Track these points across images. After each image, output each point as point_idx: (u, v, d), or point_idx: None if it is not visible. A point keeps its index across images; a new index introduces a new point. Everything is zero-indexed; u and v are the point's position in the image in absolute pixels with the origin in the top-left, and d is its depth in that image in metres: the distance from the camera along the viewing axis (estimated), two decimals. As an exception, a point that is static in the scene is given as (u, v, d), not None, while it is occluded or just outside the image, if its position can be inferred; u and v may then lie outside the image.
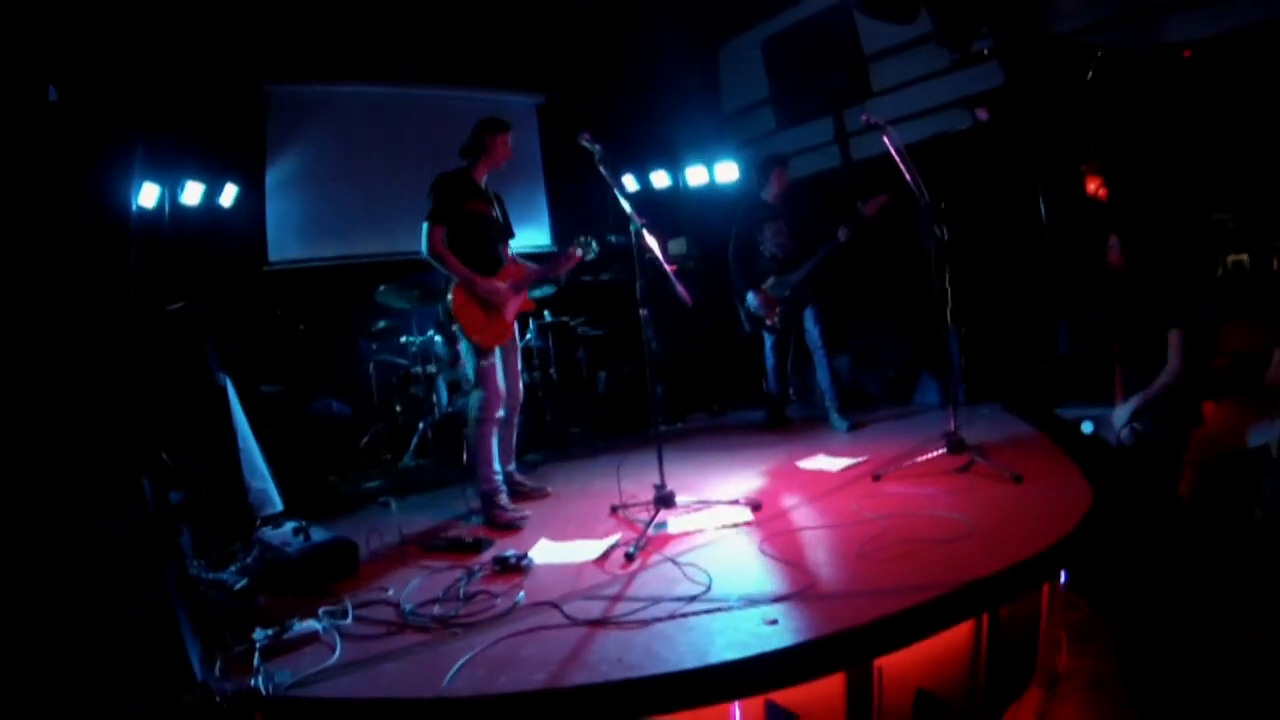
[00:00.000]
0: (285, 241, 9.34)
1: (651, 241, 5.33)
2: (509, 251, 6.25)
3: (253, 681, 3.25)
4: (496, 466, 5.92)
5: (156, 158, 8.00)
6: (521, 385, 6.30)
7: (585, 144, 5.44)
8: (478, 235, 5.96)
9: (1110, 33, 7.54)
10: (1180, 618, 4.35)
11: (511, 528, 5.59)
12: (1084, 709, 3.85)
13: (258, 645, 3.61)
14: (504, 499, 5.87)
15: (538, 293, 9.08)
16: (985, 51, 8.26)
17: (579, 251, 6.14)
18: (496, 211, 6.15)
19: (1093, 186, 8.00)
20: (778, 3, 9.77)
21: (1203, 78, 6.99)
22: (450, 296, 5.79)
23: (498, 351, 5.95)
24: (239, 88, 8.96)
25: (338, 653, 3.56)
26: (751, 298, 8.01)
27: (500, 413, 5.95)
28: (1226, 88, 6.85)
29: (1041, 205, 7.92)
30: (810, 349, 7.98)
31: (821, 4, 9.21)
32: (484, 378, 5.85)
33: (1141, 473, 5.12)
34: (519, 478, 6.39)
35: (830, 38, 9.36)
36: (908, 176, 5.64)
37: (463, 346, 5.97)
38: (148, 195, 8.12)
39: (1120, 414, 5.01)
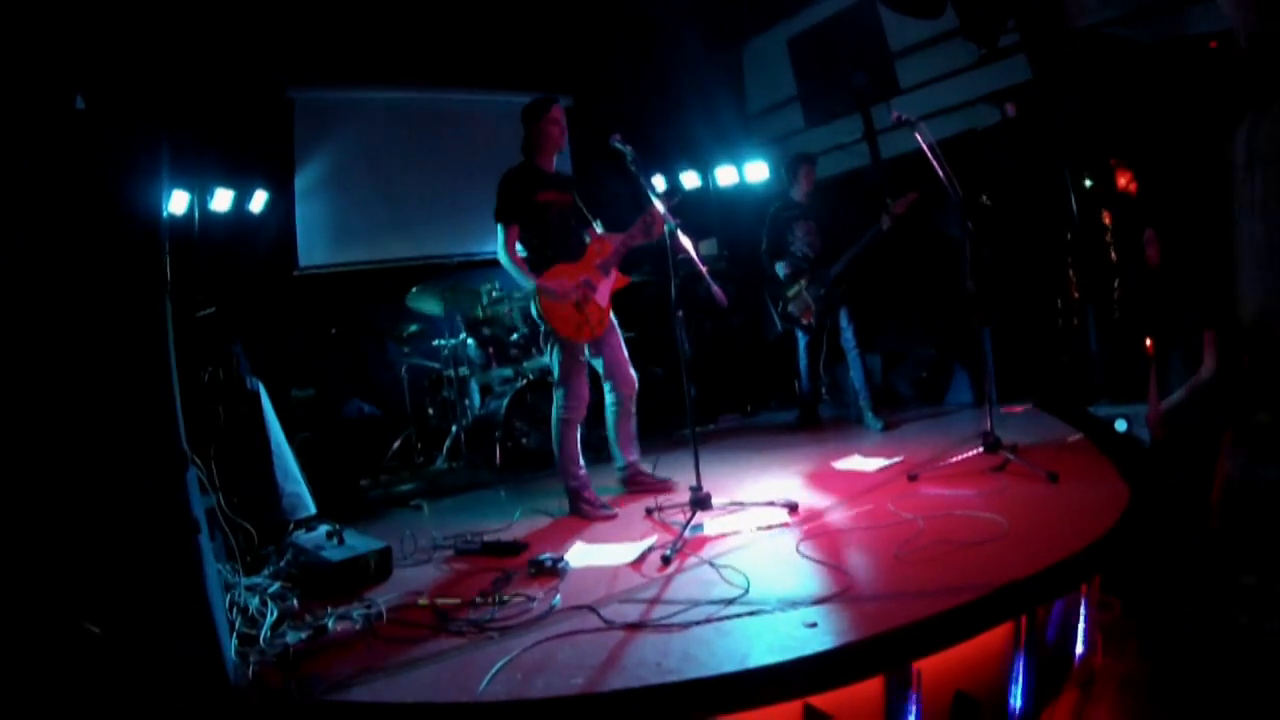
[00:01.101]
0: (314, 246, 9.39)
1: (685, 242, 5.31)
2: (596, 232, 6.12)
3: (286, 685, 3.25)
4: (582, 463, 5.93)
5: (185, 165, 8.06)
6: (633, 370, 6.20)
7: (617, 145, 5.43)
8: (554, 225, 5.90)
9: (1135, 25, 7.48)
10: (1211, 620, 4.30)
11: (605, 516, 5.67)
12: (1117, 710, 3.81)
13: (291, 649, 3.61)
14: (590, 493, 5.86)
15: (638, 277, 9.14)
16: (1011, 46, 8.21)
17: (656, 209, 5.96)
18: (574, 196, 6.04)
19: (1123, 181, 7.93)
20: (800, 1, 9.74)
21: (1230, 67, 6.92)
22: (531, 304, 5.80)
23: (587, 347, 5.96)
24: (266, 94, 9.03)
25: (372, 656, 3.55)
26: (788, 302, 8.10)
27: (612, 403, 6.16)
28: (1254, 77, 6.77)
29: (1072, 200, 7.85)
30: (844, 349, 7.98)
31: (845, 1, 9.18)
32: (567, 376, 5.85)
33: (1173, 474, 5.05)
34: (642, 467, 6.33)
35: (856, 35, 9.36)
36: (940, 173, 5.60)
37: (550, 348, 5.90)
38: (178, 202, 8.18)
39: (1155, 414, 4.95)
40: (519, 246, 5.84)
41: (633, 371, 6.20)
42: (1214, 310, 4.59)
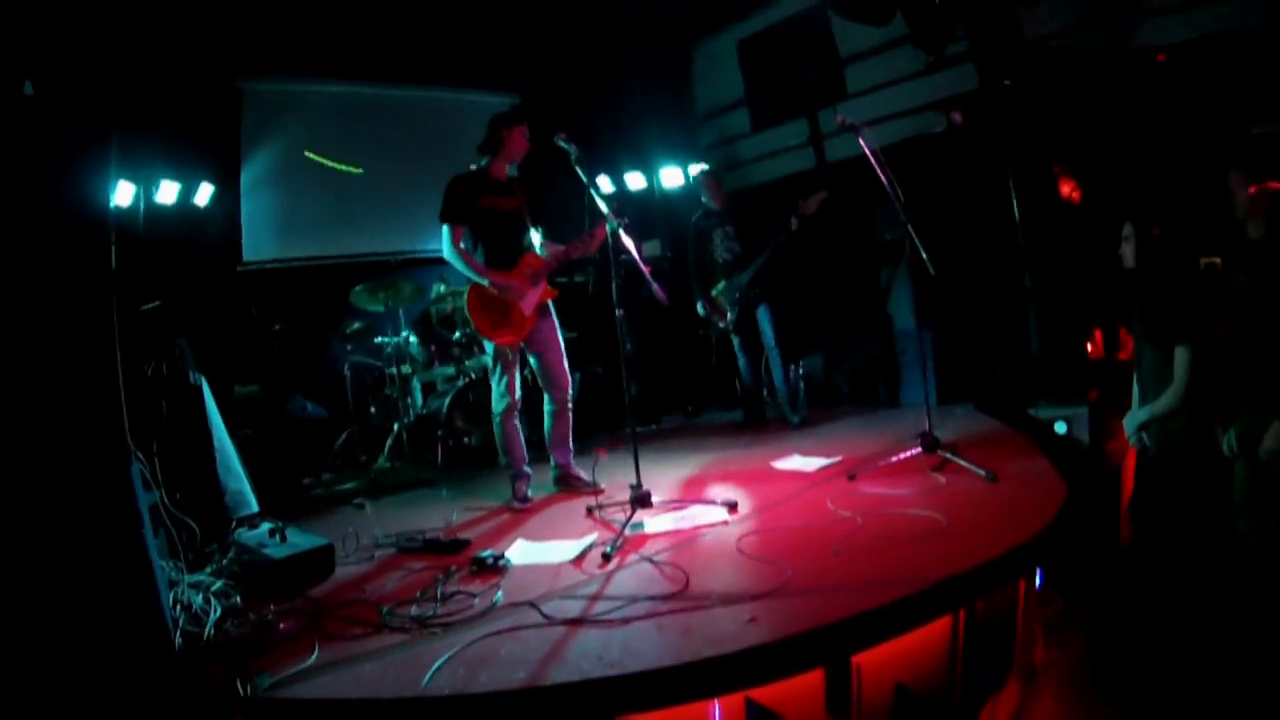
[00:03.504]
0: (260, 241, 9.30)
1: (628, 242, 5.36)
2: (534, 242, 6.32)
3: (231, 681, 3.24)
4: (524, 453, 6.23)
5: (132, 155, 7.95)
6: (567, 373, 6.32)
7: (562, 144, 5.48)
8: (493, 230, 6.07)
9: (1084, 36, 7.60)
10: (1152, 614, 4.39)
11: (518, 510, 5.96)
12: (1060, 702, 3.89)
13: (236, 646, 3.61)
14: (523, 487, 6.11)
15: (580, 277, 9.13)
16: (960, 54, 8.31)
17: (604, 227, 6.10)
18: (519, 204, 6.19)
19: (1066, 189, 8.06)
20: (752, 5, 9.80)
21: (1176, 81, 7.05)
22: (465, 296, 6.00)
23: (522, 349, 6.15)
24: (214, 84, 8.92)
25: (316, 653, 3.53)
26: (699, 306, 8.42)
27: (548, 403, 6.31)
28: (1199, 91, 6.90)
29: (1015, 207, 7.96)
30: (765, 347, 8.14)
31: (796, 6, 9.26)
32: (496, 369, 6.05)
33: (1147, 485, 5.11)
34: (574, 470, 6.40)
35: (806, 39, 9.45)
36: (883, 178, 5.67)
37: (486, 344, 6.11)
38: (123, 194, 8.07)
39: (1129, 420, 5.00)
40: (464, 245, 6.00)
41: (567, 374, 6.31)
42: (1190, 327, 4.61)
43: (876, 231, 8.58)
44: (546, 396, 6.31)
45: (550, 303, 6.26)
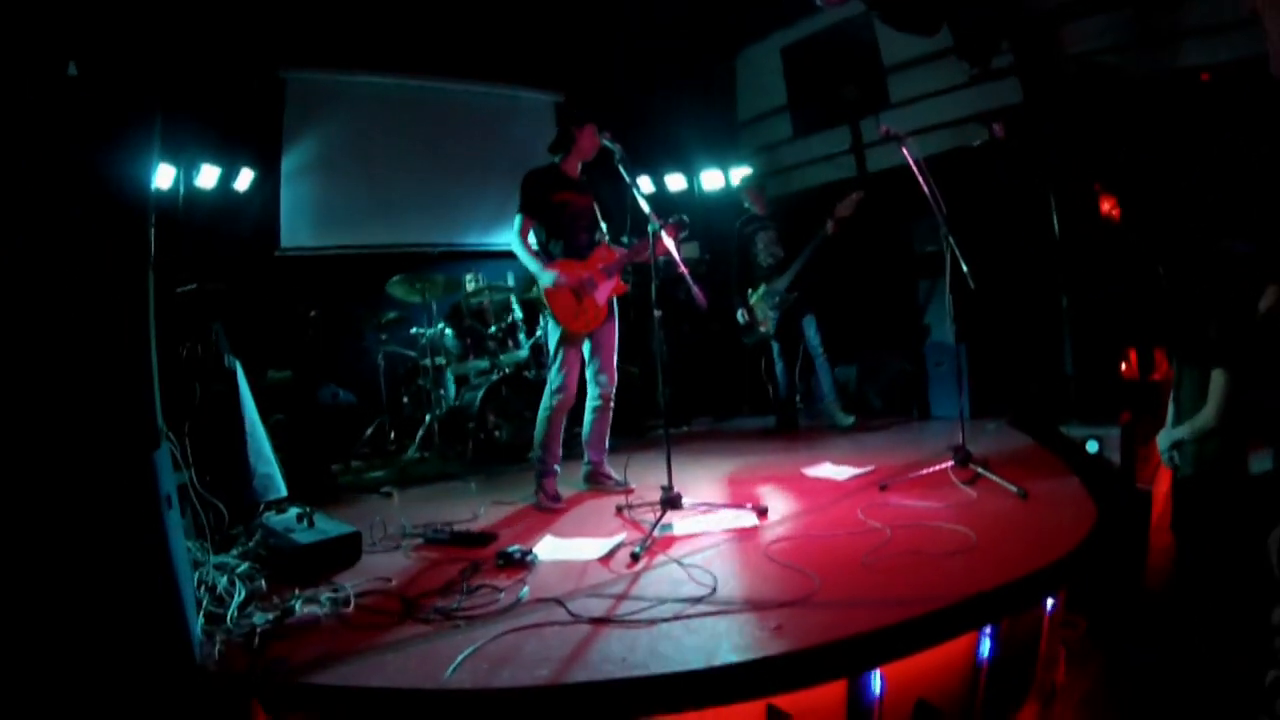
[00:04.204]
0: (298, 228, 9.35)
1: (668, 243, 5.35)
2: (603, 237, 6.35)
3: (252, 666, 3.25)
4: (558, 453, 6.15)
5: (173, 139, 8.01)
6: (616, 369, 6.40)
7: (606, 143, 5.52)
8: (569, 224, 6.14)
9: (1129, 55, 7.54)
10: (1174, 645, 4.35)
11: (550, 510, 5.86)
12: (1078, 726, 3.86)
13: (258, 630, 3.60)
14: (551, 482, 6.06)
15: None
16: (1004, 68, 8.26)
17: (658, 233, 6.14)
18: (591, 200, 6.25)
19: (1106, 206, 8.00)
20: (797, 11, 9.76)
21: (1219, 101, 6.98)
22: (539, 284, 6.03)
23: (586, 342, 6.18)
24: (258, 73, 8.98)
25: (338, 641, 3.55)
26: (739, 314, 8.44)
27: (594, 396, 6.31)
28: (1245, 112, 6.83)
29: (1055, 223, 7.90)
30: (811, 355, 8.12)
31: (841, 14, 9.21)
32: (560, 368, 6.03)
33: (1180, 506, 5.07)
34: (606, 469, 6.44)
35: (849, 48, 9.40)
36: (925, 189, 5.64)
37: (550, 334, 6.13)
38: (163, 176, 8.13)
39: (1163, 437, 4.95)
40: (531, 239, 6.12)
41: (616, 371, 6.37)
42: (1227, 353, 4.56)
43: (915, 243, 8.53)
44: (592, 392, 6.32)
45: (615, 299, 6.33)
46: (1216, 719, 3.87)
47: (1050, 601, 4.04)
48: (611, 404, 6.34)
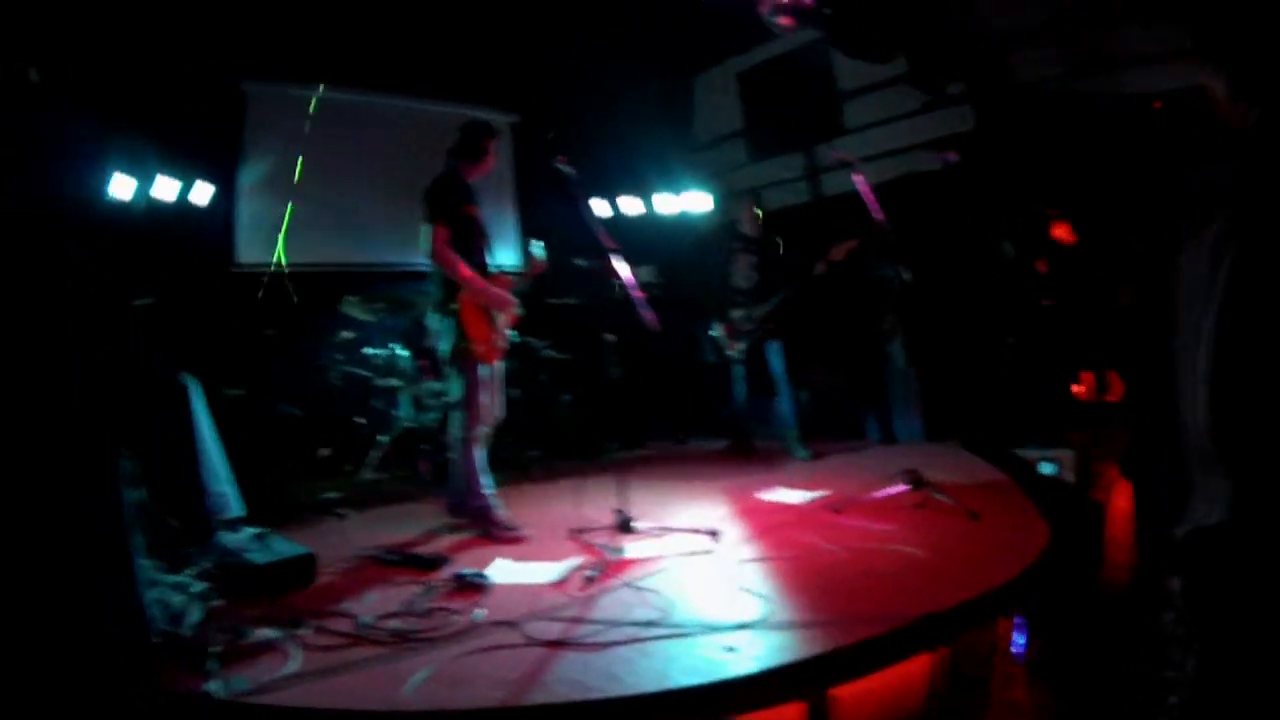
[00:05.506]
0: (254, 243, 9.28)
1: (621, 267, 5.37)
2: (538, 251, 6.17)
3: (207, 686, 3.23)
4: (486, 481, 5.84)
5: (132, 150, 7.93)
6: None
7: (561, 168, 5.48)
8: (474, 240, 5.82)
9: (1077, 82, 7.66)
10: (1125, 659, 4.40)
11: (516, 538, 5.60)
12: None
13: (212, 651, 3.58)
14: (499, 513, 5.78)
15: (573, 299, 9.18)
16: (957, 95, 8.37)
17: (536, 255, 6.11)
18: (484, 217, 5.97)
19: (1059, 232, 8.11)
20: (753, 37, 9.83)
21: (1171, 128, 7.10)
22: (458, 306, 5.64)
23: (492, 367, 5.87)
24: (219, 83, 8.92)
25: (294, 662, 3.53)
26: (715, 328, 8.28)
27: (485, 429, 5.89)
28: (1196, 139, 6.95)
29: (1007, 247, 8.00)
30: (774, 380, 8.14)
31: (797, 40, 9.29)
32: (474, 394, 5.75)
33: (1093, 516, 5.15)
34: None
35: (805, 73, 9.48)
36: (874, 214, 5.72)
37: (458, 361, 5.78)
38: (123, 188, 8.02)
39: None
40: None
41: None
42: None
43: (869, 268, 8.61)
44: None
45: None
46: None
47: (1005, 620, 4.09)
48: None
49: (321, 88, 9.48)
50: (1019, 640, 4.13)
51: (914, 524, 5.25)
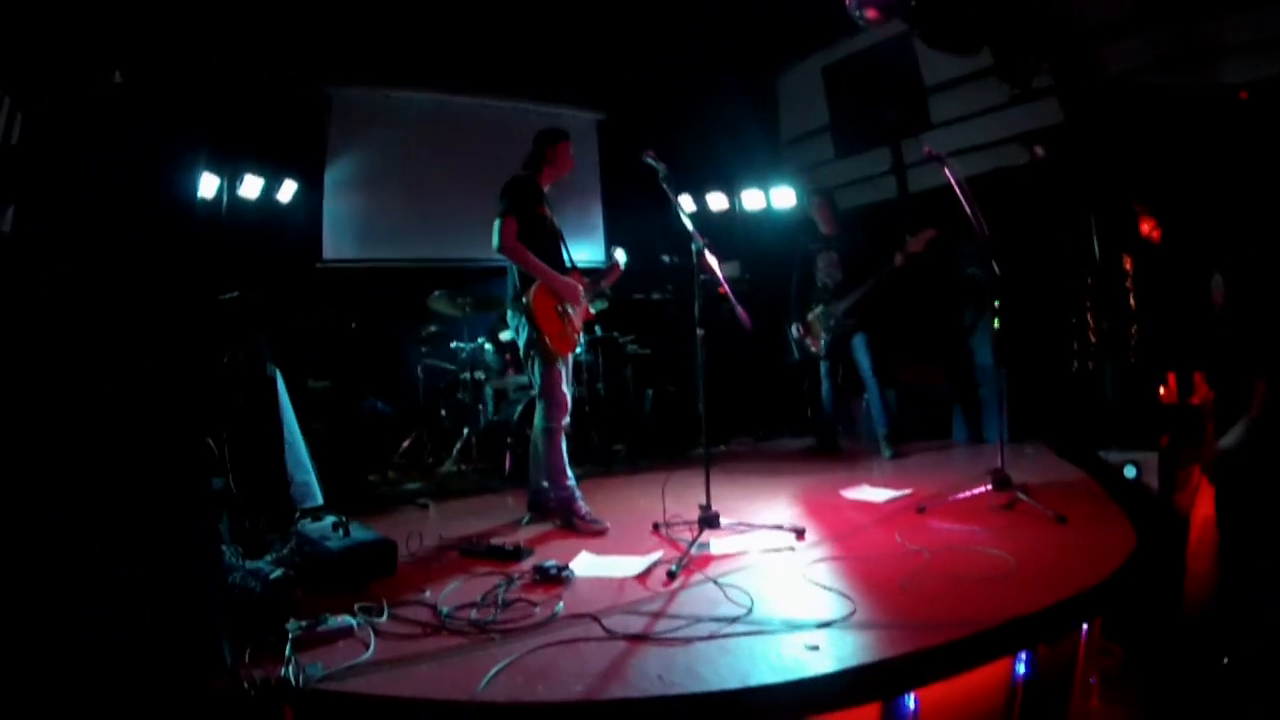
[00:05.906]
0: (340, 241, 9.43)
1: (712, 262, 5.33)
2: (618, 258, 6.35)
3: (283, 672, 3.25)
4: (570, 473, 5.92)
5: (218, 149, 8.09)
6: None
7: (650, 162, 5.46)
8: (548, 240, 5.94)
9: (1168, 73, 7.47)
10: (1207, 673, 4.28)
11: (598, 531, 5.65)
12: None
13: (290, 636, 3.59)
14: (582, 505, 5.83)
15: (659, 296, 9.19)
16: (1044, 88, 8.21)
17: (619, 261, 6.17)
18: (569, 214, 6.08)
19: (1146, 228, 7.92)
20: (837, 32, 9.75)
21: (1259, 119, 6.90)
22: (529, 299, 5.73)
23: (566, 359, 5.95)
24: (303, 87, 9.07)
25: (371, 650, 3.54)
26: (793, 329, 8.36)
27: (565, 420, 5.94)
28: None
29: (1095, 245, 7.84)
30: (862, 378, 8.09)
31: (882, 34, 9.18)
32: (552, 386, 5.84)
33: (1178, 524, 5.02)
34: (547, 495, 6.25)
35: (891, 68, 9.38)
36: (968, 211, 5.61)
37: (534, 353, 5.87)
38: (207, 186, 8.20)
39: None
40: None
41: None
42: (1266, 360, 4.52)
43: (958, 265, 8.48)
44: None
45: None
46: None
47: (1087, 627, 4.00)
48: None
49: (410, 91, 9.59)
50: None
51: (999, 526, 5.15)
